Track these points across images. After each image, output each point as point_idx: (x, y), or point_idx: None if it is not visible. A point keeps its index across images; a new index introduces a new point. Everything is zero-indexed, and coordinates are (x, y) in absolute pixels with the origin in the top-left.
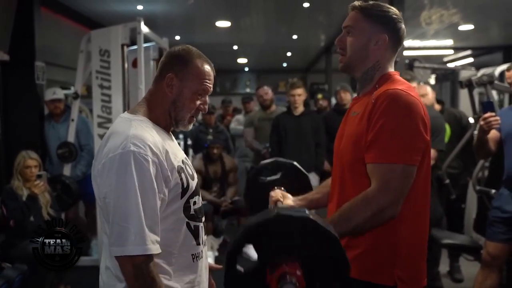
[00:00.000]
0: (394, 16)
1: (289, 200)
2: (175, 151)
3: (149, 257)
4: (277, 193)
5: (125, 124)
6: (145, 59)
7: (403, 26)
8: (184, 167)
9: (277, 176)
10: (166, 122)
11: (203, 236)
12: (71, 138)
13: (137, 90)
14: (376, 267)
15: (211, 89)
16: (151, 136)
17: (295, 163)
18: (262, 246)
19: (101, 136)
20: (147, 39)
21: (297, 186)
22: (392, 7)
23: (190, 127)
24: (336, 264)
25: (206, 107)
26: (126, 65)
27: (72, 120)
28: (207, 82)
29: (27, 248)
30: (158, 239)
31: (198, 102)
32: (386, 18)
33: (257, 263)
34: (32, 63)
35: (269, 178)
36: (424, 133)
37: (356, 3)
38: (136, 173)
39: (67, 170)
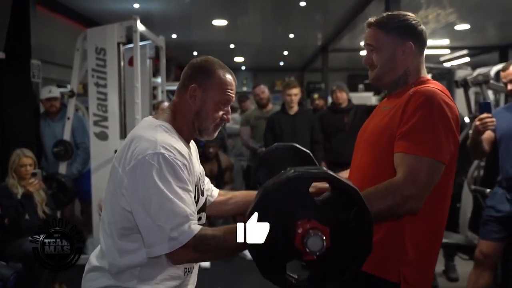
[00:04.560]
0: (413, 21)
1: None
2: (194, 163)
3: (191, 240)
4: None
5: (151, 129)
6: (141, 57)
7: (423, 27)
8: (198, 181)
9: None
10: (190, 132)
11: None
12: (66, 136)
13: (133, 88)
14: (382, 261)
15: (233, 98)
16: (177, 142)
17: (295, 144)
18: (281, 207)
19: (97, 134)
20: (143, 38)
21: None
22: (408, 13)
23: (215, 135)
24: (360, 221)
25: (230, 116)
26: (122, 64)
27: (68, 118)
28: (229, 92)
29: (22, 246)
30: (194, 216)
31: (221, 112)
32: (407, 27)
33: (279, 226)
34: (28, 61)
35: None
36: (456, 134)
37: (372, 19)
38: (168, 174)
39: (62, 168)
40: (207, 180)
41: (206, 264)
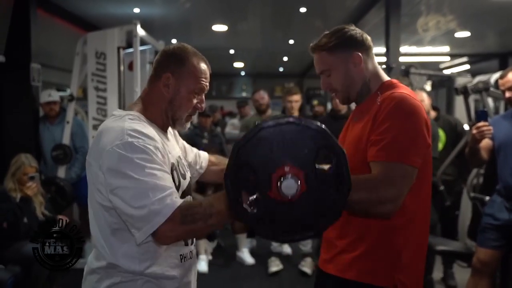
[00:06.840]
0: (352, 32)
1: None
2: (170, 148)
3: (176, 211)
4: None
5: (118, 120)
6: (141, 62)
7: (362, 33)
8: (177, 165)
9: None
10: (163, 122)
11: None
12: (66, 140)
13: (132, 93)
14: (375, 269)
15: (207, 87)
16: (146, 128)
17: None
18: (263, 151)
19: None
20: (143, 42)
21: None
22: (344, 26)
23: (188, 126)
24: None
25: (203, 105)
26: (122, 68)
27: (67, 122)
28: (203, 81)
29: (20, 250)
30: (176, 193)
31: (195, 101)
32: (345, 40)
33: (258, 171)
34: (28, 64)
35: None
36: (427, 136)
37: (312, 44)
38: (139, 160)
39: (61, 172)
40: (193, 153)
41: (204, 268)
